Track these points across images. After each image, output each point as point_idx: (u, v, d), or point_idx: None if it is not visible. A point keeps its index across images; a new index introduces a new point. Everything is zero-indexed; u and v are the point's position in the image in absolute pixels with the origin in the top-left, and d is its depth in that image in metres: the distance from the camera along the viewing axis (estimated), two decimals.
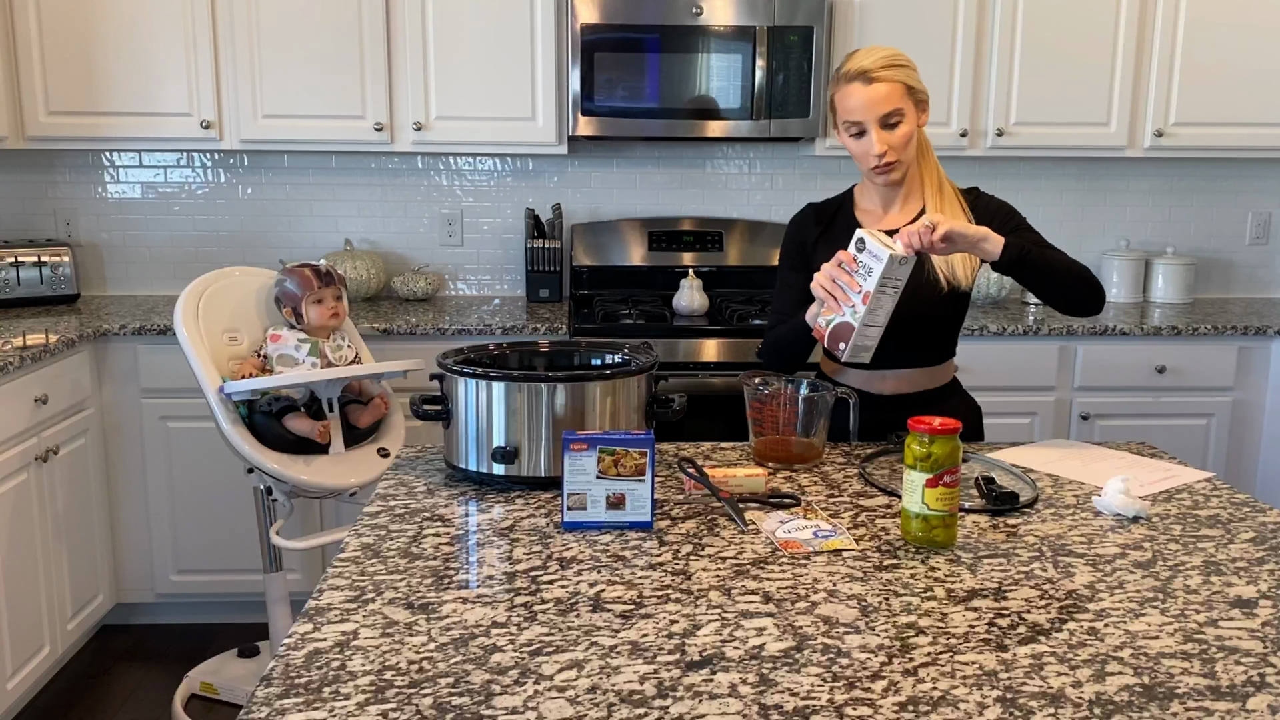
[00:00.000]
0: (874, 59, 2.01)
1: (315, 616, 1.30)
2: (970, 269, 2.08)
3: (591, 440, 1.58)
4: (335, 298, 2.76)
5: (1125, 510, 1.67)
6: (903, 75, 2.02)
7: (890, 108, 2.00)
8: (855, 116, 2.02)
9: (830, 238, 2.16)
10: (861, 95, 2.00)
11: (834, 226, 2.19)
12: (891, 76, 2.00)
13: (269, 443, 2.63)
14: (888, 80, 2.00)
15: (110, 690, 3.12)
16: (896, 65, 2.02)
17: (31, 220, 3.80)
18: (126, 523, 3.36)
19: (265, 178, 3.83)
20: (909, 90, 2.02)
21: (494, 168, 3.87)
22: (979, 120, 3.56)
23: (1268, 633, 1.28)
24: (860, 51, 2.05)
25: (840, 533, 1.58)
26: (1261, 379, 3.46)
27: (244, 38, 3.39)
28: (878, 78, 1.99)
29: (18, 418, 2.81)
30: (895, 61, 2.02)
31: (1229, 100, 3.56)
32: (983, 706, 1.10)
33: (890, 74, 2.00)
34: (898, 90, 2.01)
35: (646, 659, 1.19)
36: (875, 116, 2.01)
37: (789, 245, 2.25)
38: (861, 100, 2.00)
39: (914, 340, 2.12)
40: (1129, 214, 3.98)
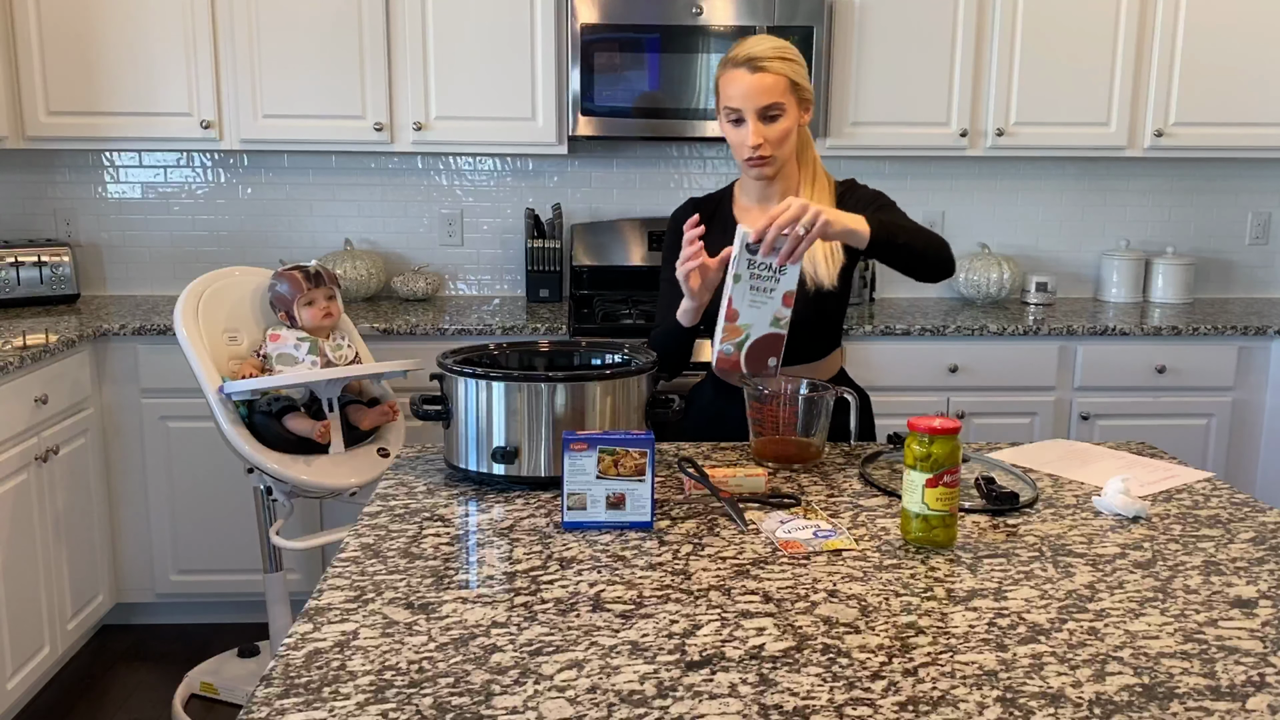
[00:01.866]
0: (764, 47, 1.99)
1: (315, 616, 1.30)
2: (833, 269, 2.07)
3: (591, 440, 1.58)
4: (327, 298, 2.76)
5: (1125, 510, 1.67)
6: (789, 70, 2.00)
7: (771, 100, 1.98)
8: (735, 104, 2.00)
9: (709, 237, 2.13)
10: (745, 83, 1.98)
11: (713, 223, 2.16)
12: (778, 69, 1.98)
13: (269, 443, 2.63)
14: (774, 72, 1.98)
15: (110, 690, 3.12)
16: (785, 58, 1.99)
17: (31, 220, 3.80)
18: (126, 523, 3.36)
19: (265, 178, 3.83)
20: (793, 85, 2.00)
21: (494, 168, 3.87)
22: (979, 120, 3.56)
23: (1268, 633, 1.27)
24: (752, 39, 2.03)
25: (840, 533, 1.58)
26: (1261, 379, 3.46)
27: (244, 38, 3.39)
28: (764, 68, 1.97)
29: (18, 418, 2.81)
30: (784, 54, 2.00)
31: (1229, 100, 3.56)
32: (983, 706, 1.10)
33: (778, 66, 1.98)
34: (782, 83, 1.99)
35: (646, 659, 1.19)
36: (755, 107, 1.98)
37: (670, 242, 2.22)
38: (744, 88, 1.98)
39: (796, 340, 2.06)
40: (1129, 214, 3.98)
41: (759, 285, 1.60)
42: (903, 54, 3.48)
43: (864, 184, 2.18)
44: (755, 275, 1.60)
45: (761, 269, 1.59)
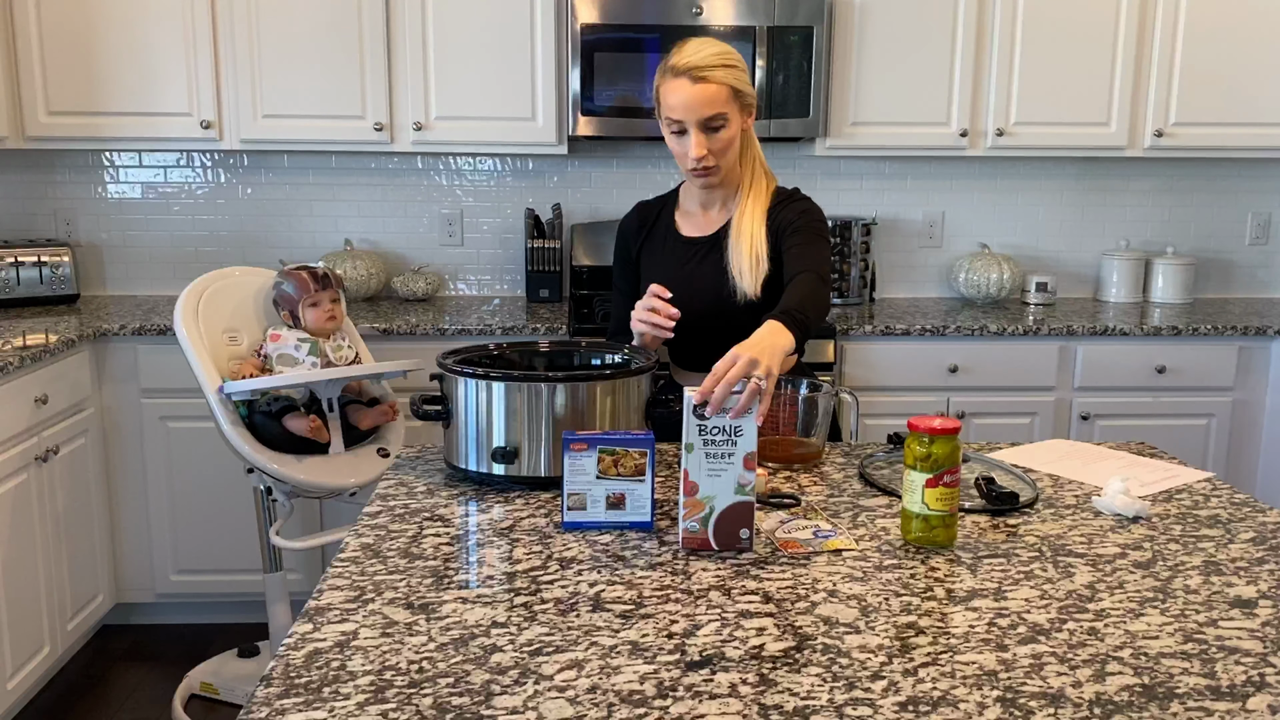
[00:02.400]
0: (704, 56, 1.95)
1: (315, 616, 1.30)
2: (756, 279, 2.04)
3: (591, 440, 1.58)
4: (332, 300, 2.76)
5: (1125, 510, 1.67)
6: (731, 77, 1.96)
7: (714, 111, 1.96)
8: (677, 115, 1.97)
9: (651, 245, 2.17)
10: (686, 93, 1.95)
11: (655, 232, 2.18)
12: (720, 78, 1.95)
13: (269, 443, 2.63)
14: (716, 81, 1.95)
15: (110, 690, 3.12)
16: (727, 65, 1.96)
17: (31, 220, 3.80)
18: (126, 523, 3.36)
19: (265, 178, 3.83)
20: (735, 93, 1.98)
21: (494, 168, 3.87)
22: (979, 120, 3.56)
23: (1268, 633, 1.27)
24: (692, 43, 1.99)
25: (840, 533, 1.58)
26: (1261, 379, 3.46)
27: (244, 38, 3.39)
28: (706, 78, 1.94)
29: (18, 418, 2.81)
30: (726, 61, 1.97)
31: (1229, 100, 3.56)
32: (983, 706, 1.10)
33: (719, 75, 1.95)
34: (724, 93, 1.96)
35: (646, 659, 1.19)
36: (697, 118, 1.96)
37: (618, 252, 2.24)
38: (686, 99, 1.95)
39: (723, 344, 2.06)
40: (1129, 214, 3.98)
41: (715, 452, 1.46)
42: (903, 54, 3.48)
43: (804, 196, 2.14)
44: (708, 442, 1.46)
45: (714, 434, 1.46)
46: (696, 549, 1.50)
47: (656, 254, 2.17)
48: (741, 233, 2.07)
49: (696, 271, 2.12)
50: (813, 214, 2.09)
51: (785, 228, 2.06)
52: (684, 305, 2.05)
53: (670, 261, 2.16)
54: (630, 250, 2.22)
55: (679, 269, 2.14)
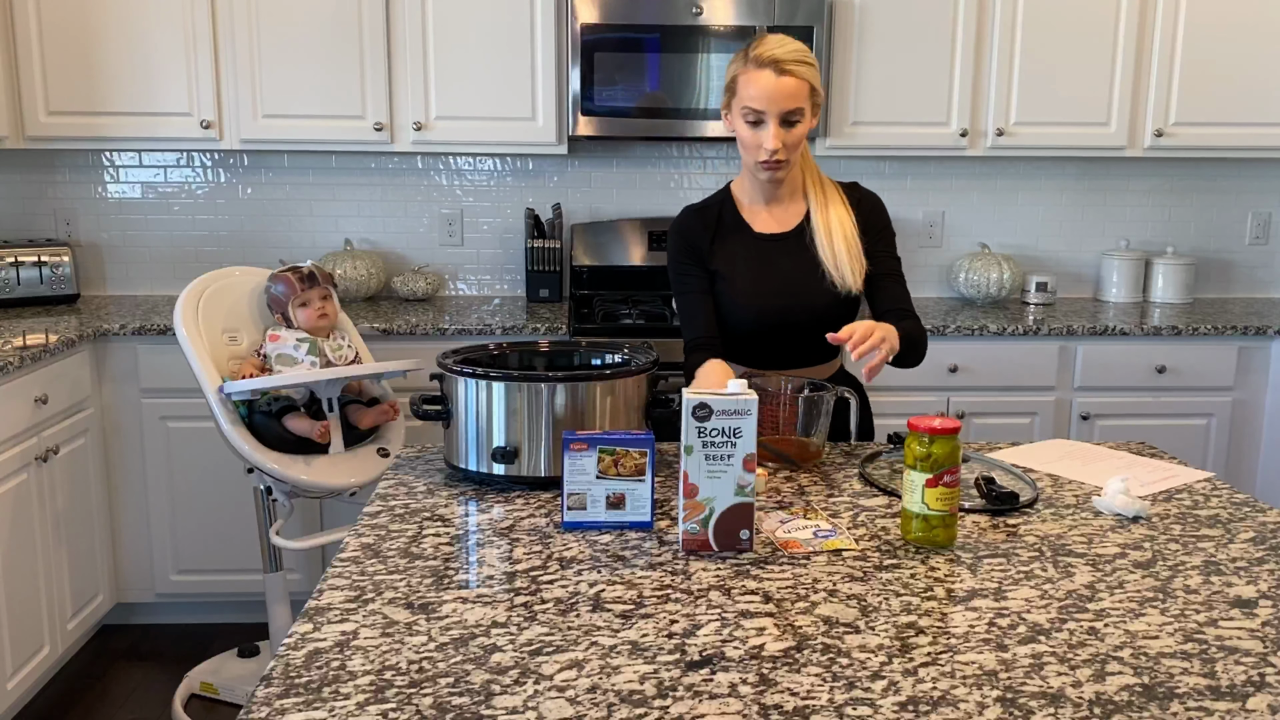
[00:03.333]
0: (788, 50, 1.98)
1: (315, 616, 1.30)
2: (858, 271, 2.08)
3: (591, 440, 1.58)
4: (322, 298, 2.75)
5: (1125, 510, 1.67)
6: (811, 74, 2.00)
7: (795, 105, 1.98)
8: (759, 105, 1.98)
9: (725, 244, 2.16)
10: (771, 85, 1.97)
11: (723, 231, 2.16)
12: (803, 74, 1.98)
13: (269, 443, 2.63)
14: (799, 77, 1.98)
15: (110, 690, 3.12)
16: (808, 63, 2.00)
17: (31, 220, 3.80)
18: (126, 523, 3.36)
19: (265, 178, 3.83)
20: (812, 91, 2.01)
21: (494, 168, 3.87)
22: (979, 120, 3.56)
23: (1268, 633, 1.28)
24: (772, 38, 2.01)
25: (840, 533, 1.58)
26: (1261, 379, 3.46)
27: (244, 38, 3.39)
28: (790, 71, 1.96)
29: (18, 418, 2.81)
30: (807, 58, 2.00)
31: (1229, 100, 3.56)
32: (983, 706, 1.10)
33: (803, 71, 1.98)
34: (804, 89, 1.99)
35: (646, 659, 1.19)
36: (779, 110, 1.98)
37: (682, 254, 2.17)
38: (769, 90, 1.97)
39: (807, 343, 2.11)
40: (1129, 214, 3.98)
41: (714, 454, 1.48)
42: (903, 54, 3.48)
43: (866, 189, 2.20)
44: (708, 444, 1.48)
45: (713, 435, 1.47)
46: (696, 550, 1.50)
47: (736, 252, 2.14)
48: (832, 229, 2.09)
49: (787, 265, 2.12)
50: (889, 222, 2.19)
51: (874, 235, 2.13)
52: (775, 301, 2.09)
53: (754, 259, 2.14)
54: (701, 250, 2.16)
55: (765, 266, 2.13)
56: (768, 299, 2.11)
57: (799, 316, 2.11)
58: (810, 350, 2.15)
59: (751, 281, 2.12)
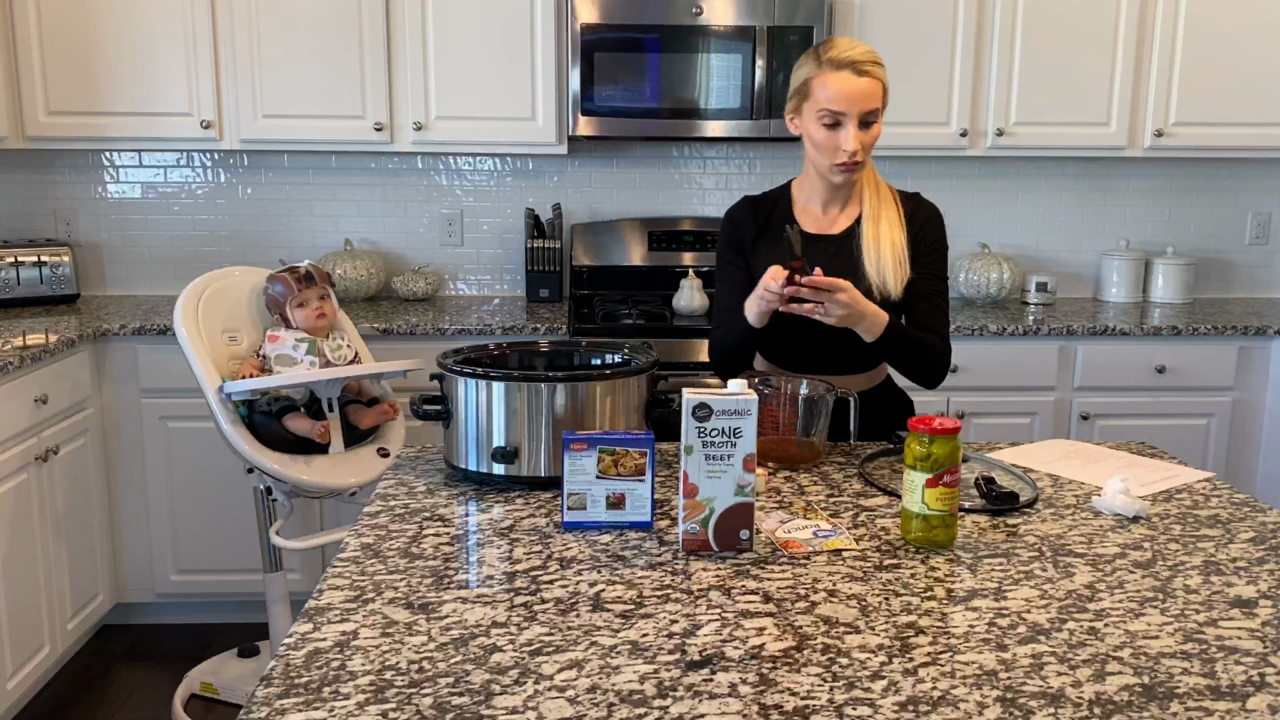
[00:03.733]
0: (861, 51, 1.98)
1: (315, 616, 1.30)
2: (899, 281, 2.05)
3: (591, 440, 1.58)
4: (319, 298, 2.75)
5: (1125, 510, 1.67)
6: (884, 75, 2.01)
7: (873, 105, 1.98)
8: (839, 106, 1.97)
9: (769, 236, 2.14)
10: (851, 87, 1.96)
11: (771, 224, 2.15)
12: (879, 74, 1.99)
13: (269, 443, 2.63)
14: (875, 77, 1.98)
15: (110, 690, 3.12)
16: (880, 64, 2.01)
17: (31, 220, 3.80)
18: (126, 523, 3.36)
19: (265, 178, 3.83)
20: (885, 92, 2.01)
21: (494, 168, 3.87)
22: (979, 120, 3.56)
23: (1268, 633, 1.27)
24: (842, 40, 2.01)
25: (840, 533, 1.58)
26: (1261, 379, 3.46)
27: (244, 38, 3.39)
28: (868, 72, 1.97)
29: (18, 418, 2.81)
30: (879, 59, 2.01)
31: (1229, 100, 3.56)
32: (983, 706, 1.10)
33: (878, 70, 1.99)
34: (879, 89, 1.99)
35: (646, 659, 1.19)
36: (858, 111, 1.97)
37: (726, 242, 2.19)
38: (850, 92, 1.96)
39: (849, 350, 2.09)
40: (1129, 214, 3.98)
41: (714, 454, 1.48)
42: (902, 54, 3.48)
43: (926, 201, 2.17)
44: (708, 444, 1.47)
45: (714, 435, 1.47)
46: (696, 550, 1.50)
47: (772, 246, 2.13)
48: (881, 235, 2.07)
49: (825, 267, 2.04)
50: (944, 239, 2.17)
51: (924, 250, 2.11)
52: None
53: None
54: (743, 239, 2.16)
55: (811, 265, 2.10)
56: None
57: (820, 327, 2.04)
58: (855, 358, 2.12)
59: None
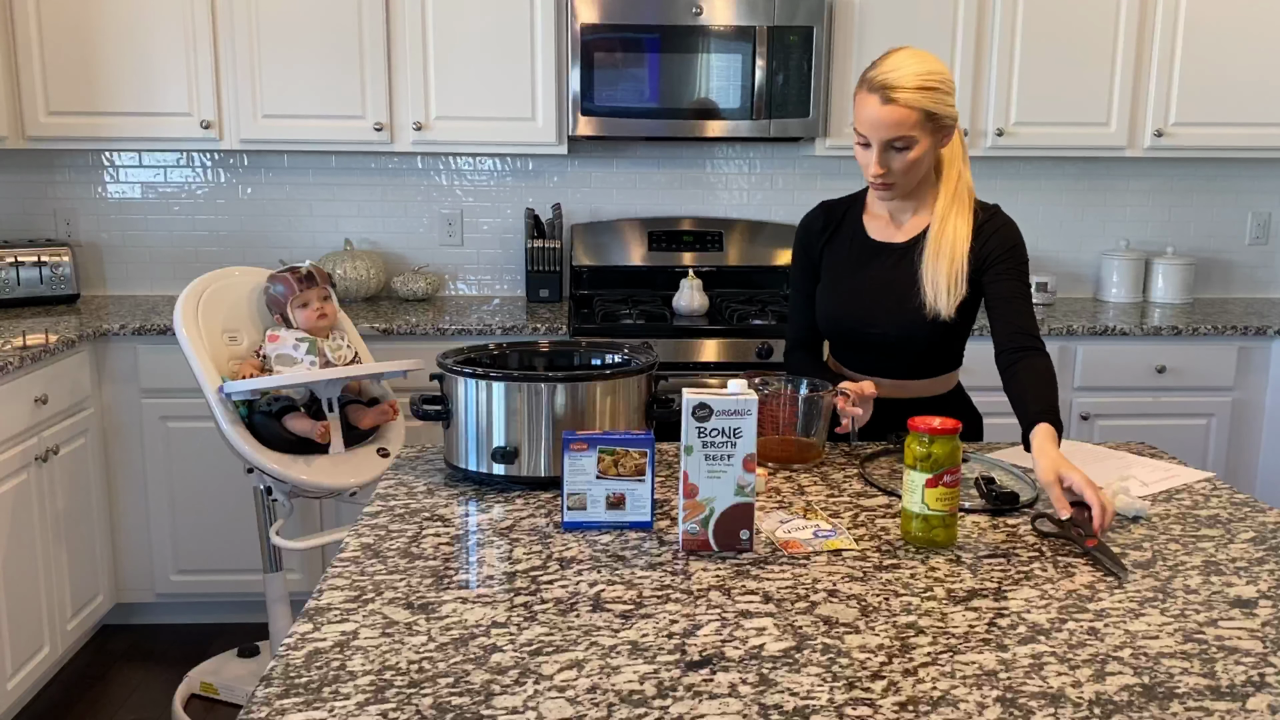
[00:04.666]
0: (902, 74, 1.87)
1: (315, 616, 1.30)
2: (952, 300, 2.00)
3: (591, 440, 1.58)
4: (321, 299, 2.75)
5: (1125, 510, 1.67)
6: (927, 100, 1.88)
7: (899, 134, 1.89)
8: (863, 130, 1.93)
9: (835, 244, 2.13)
10: (875, 113, 1.89)
11: (840, 231, 2.13)
12: (912, 101, 1.87)
13: (269, 443, 2.63)
14: (906, 105, 1.87)
15: (110, 690, 3.12)
16: (925, 89, 1.88)
17: (31, 220, 3.80)
18: (126, 523, 3.36)
19: (265, 178, 3.83)
20: (928, 117, 1.90)
21: (494, 168, 3.87)
22: (979, 120, 3.56)
23: (1268, 633, 1.27)
24: (896, 56, 1.91)
25: (840, 533, 1.58)
26: (1261, 379, 3.45)
27: (244, 38, 3.39)
28: (897, 100, 1.87)
29: (18, 418, 2.81)
30: (926, 83, 1.88)
31: (1229, 100, 3.56)
32: (983, 706, 1.10)
33: (912, 98, 1.87)
34: (913, 117, 1.88)
35: (646, 659, 1.19)
36: (880, 139, 1.91)
37: (798, 250, 2.19)
38: (873, 117, 1.90)
39: (904, 358, 2.09)
40: (1129, 214, 3.98)
41: (714, 454, 1.48)
42: None
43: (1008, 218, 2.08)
44: (708, 444, 1.48)
45: (713, 435, 1.48)
46: (696, 550, 1.50)
47: (841, 254, 2.11)
48: (942, 251, 2.00)
49: (884, 277, 2.06)
50: (1019, 249, 2.05)
51: (993, 261, 2.02)
52: (865, 309, 2.06)
53: (856, 263, 2.10)
54: (813, 248, 2.15)
55: (865, 272, 2.09)
56: (848, 306, 2.07)
57: (875, 330, 2.05)
58: (911, 365, 2.09)
59: (841, 286, 2.10)
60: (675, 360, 3.26)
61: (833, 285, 2.12)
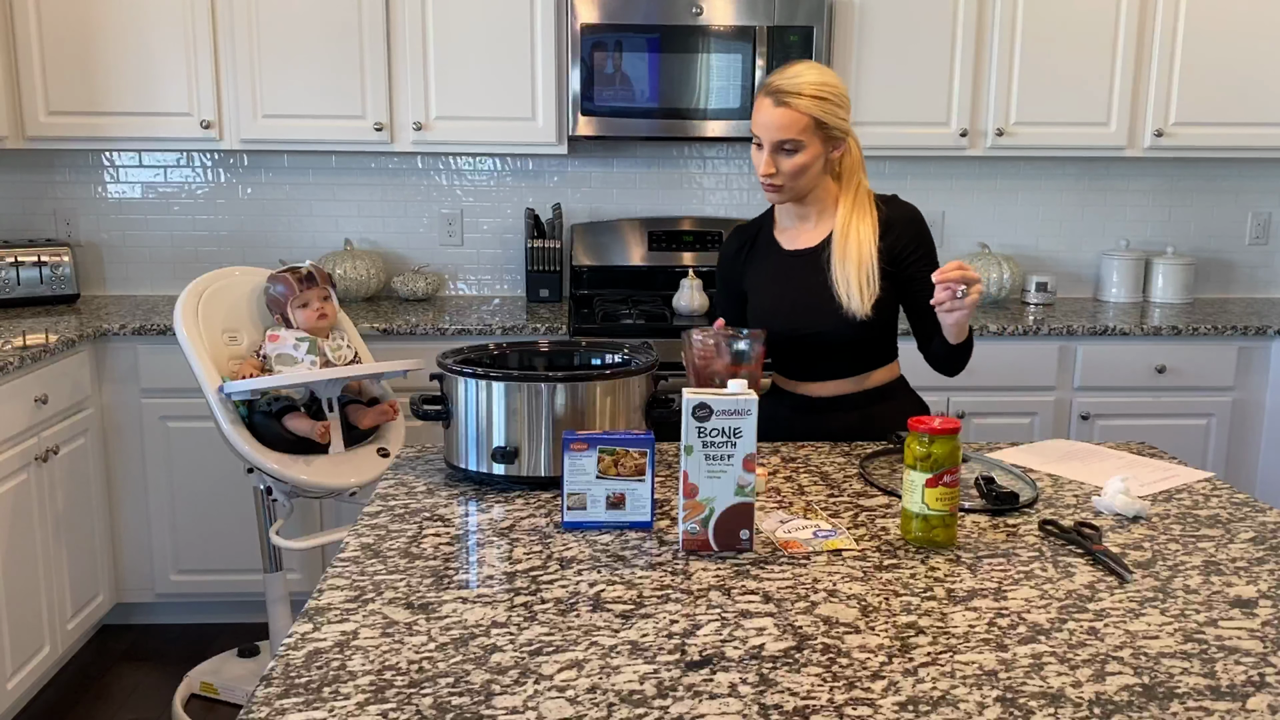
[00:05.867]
0: (797, 82, 1.98)
1: (315, 616, 1.30)
2: (866, 300, 2.06)
3: (591, 440, 1.58)
4: (321, 299, 2.75)
5: (1125, 510, 1.67)
6: (817, 108, 1.98)
7: (787, 136, 1.99)
8: (757, 130, 2.03)
9: (755, 261, 2.21)
10: (766, 114, 2.00)
11: (756, 248, 2.22)
12: (803, 107, 1.97)
13: (269, 443, 2.63)
14: (796, 110, 1.98)
15: (110, 690, 3.12)
16: (818, 98, 1.98)
17: (31, 220, 3.80)
18: (126, 523, 3.36)
19: (265, 178, 3.83)
20: (818, 124, 1.99)
21: (494, 168, 3.87)
22: (979, 120, 3.56)
23: (1268, 633, 1.28)
24: (796, 67, 2.02)
25: (840, 533, 1.58)
26: (1261, 379, 3.45)
27: (244, 37, 3.39)
28: (788, 104, 1.98)
29: (18, 418, 2.81)
30: (819, 92, 1.98)
31: (1229, 100, 3.56)
32: (983, 706, 1.10)
33: (803, 104, 1.97)
34: (803, 121, 1.98)
35: (646, 659, 1.19)
36: (771, 139, 2.01)
37: (719, 275, 2.31)
38: (765, 119, 2.01)
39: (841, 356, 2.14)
40: (1129, 214, 3.98)
41: (714, 454, 1.48)
42: (902, 54, 3.48)
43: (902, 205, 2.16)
44: (708, 444, 1.48)
45: (713, 435, 1.48)
46: (696, 550, 1.51)
47: (762, 269, 2.20)
48: (849, 256, 2.08)
49: (804, 283, 2.13)
50: (925, 234, 2.14)
51: (905, 254, 2.10)
52: (791, 314, 2.12)
53: (774, 275, 2.18)
54: (734, 272, 2.25)
55: (783, 282, 2.17)
56: (777, 315, 2.15)
57: (808, 333, 2.12)
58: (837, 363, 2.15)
59: (768, 299, 2.18)
60: (675, 360, 3.25)
61: (760, 299, 2.20)
